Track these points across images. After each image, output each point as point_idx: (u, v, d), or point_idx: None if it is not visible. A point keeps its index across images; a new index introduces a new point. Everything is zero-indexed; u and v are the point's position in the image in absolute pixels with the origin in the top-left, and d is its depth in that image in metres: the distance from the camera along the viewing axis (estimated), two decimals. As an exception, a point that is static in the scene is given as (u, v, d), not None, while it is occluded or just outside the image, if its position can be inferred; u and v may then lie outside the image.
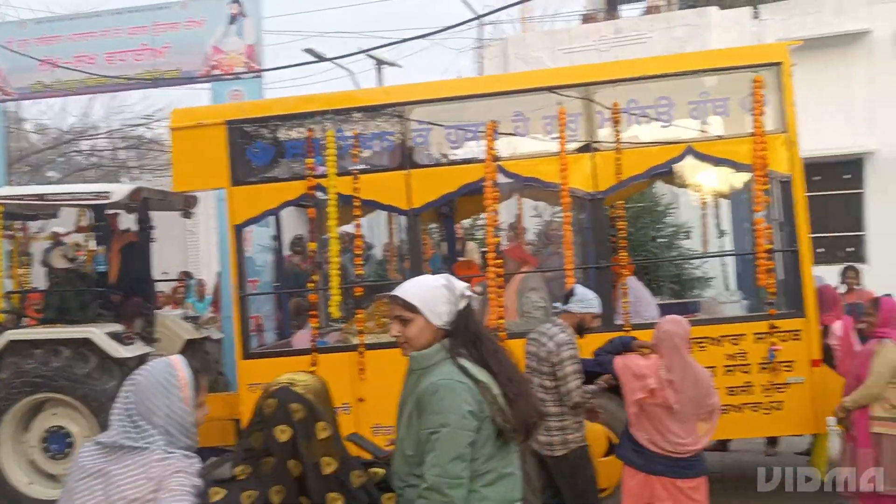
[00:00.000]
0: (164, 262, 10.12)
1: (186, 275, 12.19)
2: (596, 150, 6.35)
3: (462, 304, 2.80)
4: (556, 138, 6.31)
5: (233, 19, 11.31)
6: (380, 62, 20.06)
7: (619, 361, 4.78)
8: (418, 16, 41.08)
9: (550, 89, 6.40)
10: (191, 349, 8.12)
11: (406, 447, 2.75)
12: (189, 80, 11.86)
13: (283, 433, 2.58)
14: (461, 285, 2.84)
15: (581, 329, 5.03)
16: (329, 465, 2.61)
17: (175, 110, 7.03)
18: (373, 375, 6.34)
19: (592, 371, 5.06)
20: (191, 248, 17.64)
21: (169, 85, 12.09)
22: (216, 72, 11.26)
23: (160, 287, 10.10)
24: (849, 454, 5.47)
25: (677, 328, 4.67)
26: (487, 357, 2.77)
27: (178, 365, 2.59)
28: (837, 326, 6.69)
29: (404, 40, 21.85)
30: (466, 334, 2.78)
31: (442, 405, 2.63)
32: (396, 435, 2.85)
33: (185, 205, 8.55)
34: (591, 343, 5.32)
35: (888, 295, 5.80)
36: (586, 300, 5.03)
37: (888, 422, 5.26)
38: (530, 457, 4.83)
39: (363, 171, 6.56)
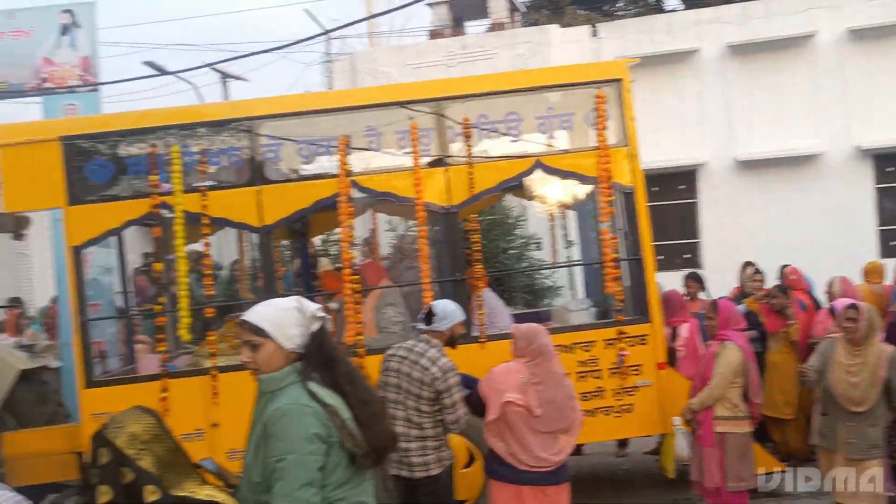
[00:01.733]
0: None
1: (15, 301, 11.36)
2: (449, 164, 6.42)
3: (315, 326, 2.74)
4: (409, 153, 6.33)
5: (65, 30, 10.69)
6: (225, 76, 19.58)
7: (483, 381, 4.78)
8: (264, 29, 40.43)
9: (402, 104, 6.41)
10: (26, 380, 7.56)
11: (253, 474, 2.66)
12: (17, 93, 11.13)
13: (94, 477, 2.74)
14: (313, 307, 2.77)
15: (453, 342, 4.91)
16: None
17: (1, 126, 6.59)
18: (226, 399, 6.13)
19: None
20: (22, 271, 16.54)
21: (-6, 99, 11.32)
22: (48, 85, 10.60)
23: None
24: (697, 454, 5.67)
25: (546, 338, 4.73)
26: (340, 380, 2.71)
27: None
28: (684, 329, 7.03)
29: (250, 54, 21.39)
30: (319, 357, 2.71)
31: (288, 431, 2.56)
32: (244, 461, 2.75)
33: (16, 226, 8.02)
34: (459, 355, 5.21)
35: (724, 297, 6.14)
36: (449, 315, 4.86)
37: (730, 421, 5.49)
38: (391, 481, 4.72)
39: (212, 188, 6.36)
